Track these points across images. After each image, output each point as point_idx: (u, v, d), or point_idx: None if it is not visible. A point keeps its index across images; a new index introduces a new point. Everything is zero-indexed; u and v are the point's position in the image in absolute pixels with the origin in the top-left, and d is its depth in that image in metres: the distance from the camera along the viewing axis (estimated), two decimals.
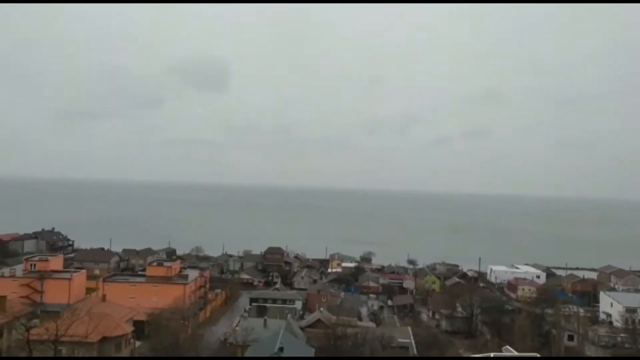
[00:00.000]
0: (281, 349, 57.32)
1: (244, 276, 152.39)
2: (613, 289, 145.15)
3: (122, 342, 64.94)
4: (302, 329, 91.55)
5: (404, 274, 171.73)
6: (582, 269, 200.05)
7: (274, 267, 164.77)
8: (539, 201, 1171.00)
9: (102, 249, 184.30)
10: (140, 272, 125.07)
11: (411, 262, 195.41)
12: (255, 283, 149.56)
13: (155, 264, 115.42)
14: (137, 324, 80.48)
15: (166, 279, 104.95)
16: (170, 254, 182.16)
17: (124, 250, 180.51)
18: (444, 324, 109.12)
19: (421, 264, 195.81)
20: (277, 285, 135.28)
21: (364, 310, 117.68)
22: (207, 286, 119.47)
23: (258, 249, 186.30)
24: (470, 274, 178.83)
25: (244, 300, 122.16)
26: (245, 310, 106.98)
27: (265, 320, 78.46)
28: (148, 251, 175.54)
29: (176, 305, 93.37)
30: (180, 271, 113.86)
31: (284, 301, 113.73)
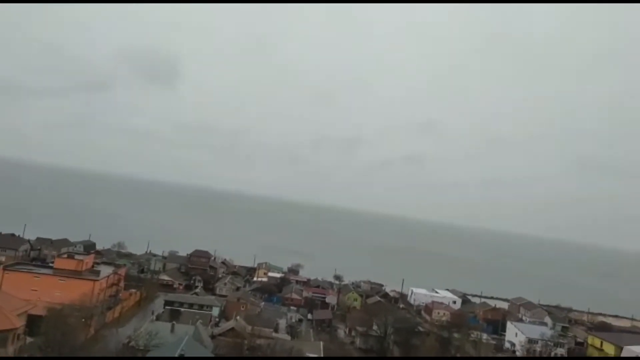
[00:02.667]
0: (182, 355, 55.55)
1: (165, 277, 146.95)
2: (520, 320, 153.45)
3: (8, 337, 60.08)
4: (213, 336, 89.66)
5: (328, 288, 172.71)
6: (496, 298, 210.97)
7: (198, 270, 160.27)
8: (466, 230, 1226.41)
9: (13, 234, 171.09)
10: (50, 264, 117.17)
11: (337, 277, 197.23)
12: (175, 285, 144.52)
13: (65, 256, 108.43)
14: (35, 319, 75.10)
15: (75, 273, 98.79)
16: (89, 248, 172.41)
17: (38, 239, 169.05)
18: (358, 342, 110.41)
19: (347, 280, 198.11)
20: (197, 290, 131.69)
21: (282, 322, 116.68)
22: (121, 285, 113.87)
23: (185, 251, 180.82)
24: (392, 294, 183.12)
25: (160, 303, 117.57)
26: (152, 314, 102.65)
27: (173, 324, 75.71)
28: (64, 242, 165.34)
29: (82, 301, 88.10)
30: (92, 266, 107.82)
31: (201, 307, 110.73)
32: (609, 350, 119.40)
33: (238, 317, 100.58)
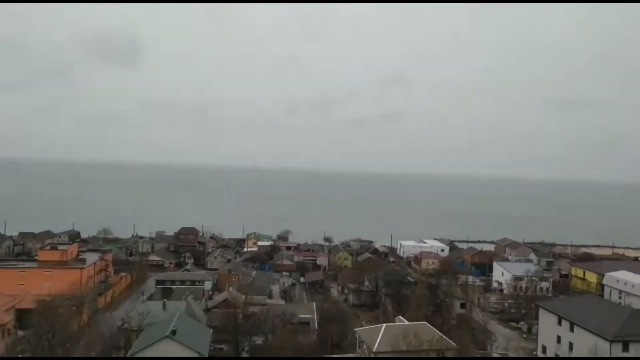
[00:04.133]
0: (174, 332, 56.06)
1: (154, 258, 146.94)
2: (506, 260, 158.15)
3: None
4: (208, 309, 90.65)
5: (319, 251, 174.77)
6: (482, 241, 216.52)
7: (187, 247, 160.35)
8: (453, 179, 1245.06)
9: None
10: (35, 257, 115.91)
11: (327, 239, 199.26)
12: (165, 265, 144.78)
13: (48, 247, 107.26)
14: (23, 313, 74.78)
15: (60, 263, 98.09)
16: (74, 237, 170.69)
17: (20, 234, 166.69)
18: (351, 298, 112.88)
19: (337, 241, 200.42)
20: (188, 266, 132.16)
21: (275, 288, 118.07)
22: (110, 270, 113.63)
23: (172, 230, 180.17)
24: (381, 249, 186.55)
25: (152, 283, 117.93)
26: (142, 294, 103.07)
27: (164, 302, 76.11)
28: (47, 234, 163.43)
29: (71, 290, 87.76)
30: (78, 255, 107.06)
31: (193, 282, 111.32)
32: (592, 279, 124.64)
33: (231, 288, 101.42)
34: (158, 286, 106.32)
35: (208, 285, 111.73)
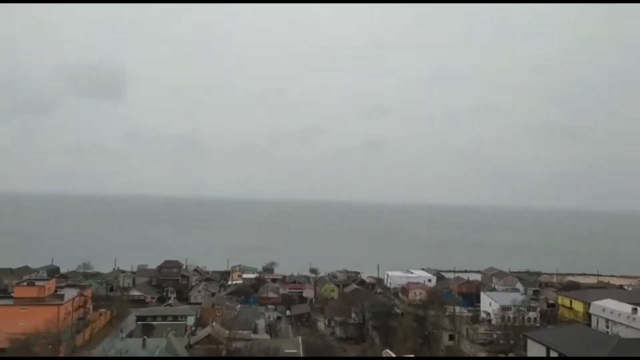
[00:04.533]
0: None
1: (135, 293, 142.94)
2: (493, 289, 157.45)
3: None
4: (190, 346, 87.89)
5: (305, 283, 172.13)
6: (469, 271, 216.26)
7: (170, 281, 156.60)
8: (438, 209, 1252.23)
9: None
10: (12, 294, 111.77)
11: (313, 270, 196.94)
12: (147, 300, 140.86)
13: (25, 283, 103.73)
14: None
15: (37, 300, 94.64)
16: (53, 272, 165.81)
17: None
18: (338, 331, 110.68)
19: (323, 272, 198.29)
20: (171, 301, 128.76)
21: (261, 322, 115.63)
22: (89, 306, 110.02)
23: (155, 264, 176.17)
24: (368, 280, 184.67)
25: (132, 319, 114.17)
26: (121, 331, 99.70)
27: (144, 339, 73.52)
28: (24, 270, 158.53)
29: (47, 328, 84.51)
30: (55, 290, 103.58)
31: (175, 317, 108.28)
32: (578, 307, 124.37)
33: (214, 323, 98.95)
34: (138, 322, 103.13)
35: (191, 320, 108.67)
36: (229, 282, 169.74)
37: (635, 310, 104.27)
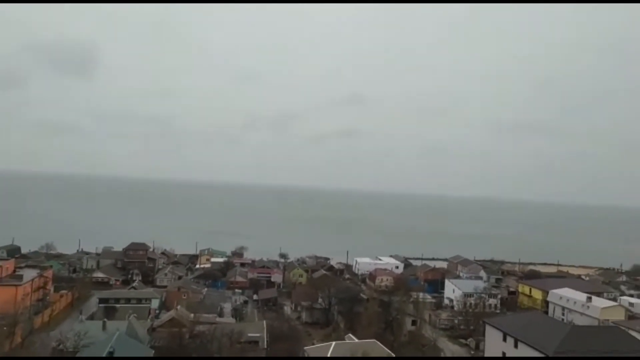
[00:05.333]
0: (111, 353, 53.11)
1: (99, 275, 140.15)
2: (458, 277, 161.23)
3: None
4: (153, 329, 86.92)
5: (274, 268, 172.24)
6: (436, 259, 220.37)
7: (136, 264, 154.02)
8: (409, 197, 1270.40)
9: None
10: None
11: (283, 255, 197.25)
12: (111, 282, 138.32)
13: None
14: None
15: None
16: (13, 252, 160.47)
17: None
18: (304, 316, 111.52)
19: (293, 257, 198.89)
20: (135, 284, 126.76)
21: (227, 306, 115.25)
22: (49, 287, 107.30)
23: (121, 246, 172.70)
24: (337, 266, 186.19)
25: (94, 302, 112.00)
26: (80, 313, 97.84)
27: (104, 322, 72.27)
28: None
29: (4, 309, 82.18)
30: (14, 271, 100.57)
31: (139, 300, 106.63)
32: (537, 295, 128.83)
33: (179, 307, 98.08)
34: (100, 305, 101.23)
35: (155, 303, 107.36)
36: (197, 266, 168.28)
37: (589, 298, 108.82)
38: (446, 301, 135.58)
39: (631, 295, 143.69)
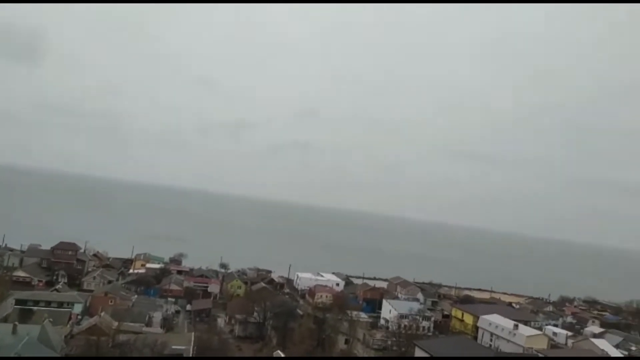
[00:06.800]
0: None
1: (21, 274, 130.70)
2: (396, 297, 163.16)
3: None
4: (72, 336, 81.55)
5: (213, 277, 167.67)
6: (377, 278, 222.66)
7: (63, 265, 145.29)
8: (356, 215, 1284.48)
9: None
10: None
11: (223, 265, 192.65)
12: (34, 282, 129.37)
13: None
14: None
15: None
16: None
17: None
18: (237, 329, 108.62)
19: (234, 268, 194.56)
20: (59, 286, 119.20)
21: (157, 315, 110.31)
22: None
23: (50, 244, 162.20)
24: (278, 280, 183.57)
25: (11, 302, 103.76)
26: None
27: (15, 325, 66.73)
28: None
29: None
30: None
31: (61, 304, 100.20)
32: (469, 320, 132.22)
33: (103, 313, 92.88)
34: (17, 306, 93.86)
35: (78, 308, 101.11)
36: (131, 271, 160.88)
37: (516, 326, 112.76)
38: (382, 321, 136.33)
39: (556, 325, 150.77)
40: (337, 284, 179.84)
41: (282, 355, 67.77)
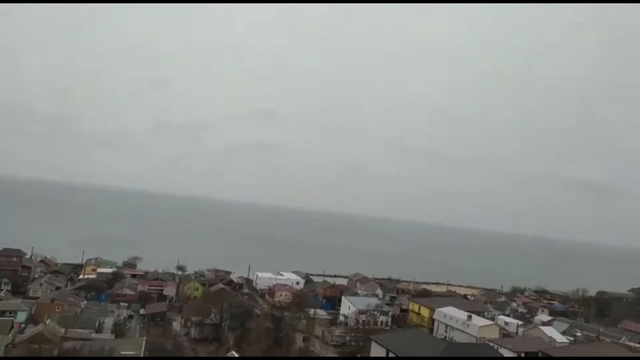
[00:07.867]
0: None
1: None
2: (356, 294, 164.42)
3: None
4: (14, 345, 77.24)
5: (169, 280, 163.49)
6: (338, 276, 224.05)
7: (7, 272, 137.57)
8: (318, 215, 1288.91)
9: None
10: None
11: (180, 268, 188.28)
12: None
13: None
14: None
15: None
16: None
17: None
18: (193, 332, 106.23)
19: (191, 270, 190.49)
20: (1, 294, 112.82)
21: (108, 321, 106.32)
22: None
23: None
24: (237, 280, 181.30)
25: None
26: None
27: None
28: None
29: None
30: None
31: (3, 313, 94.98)
32: (425, 313, 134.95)
33: (48, 321, 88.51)
34: None
35: (22, 316, 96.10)
36: (80, 276, 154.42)
37: (469, 317, 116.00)
38: (342, 318, 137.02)
39: (508, 315, 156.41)
40: (297, 283, 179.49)
41: (236, 354, 66.67)
